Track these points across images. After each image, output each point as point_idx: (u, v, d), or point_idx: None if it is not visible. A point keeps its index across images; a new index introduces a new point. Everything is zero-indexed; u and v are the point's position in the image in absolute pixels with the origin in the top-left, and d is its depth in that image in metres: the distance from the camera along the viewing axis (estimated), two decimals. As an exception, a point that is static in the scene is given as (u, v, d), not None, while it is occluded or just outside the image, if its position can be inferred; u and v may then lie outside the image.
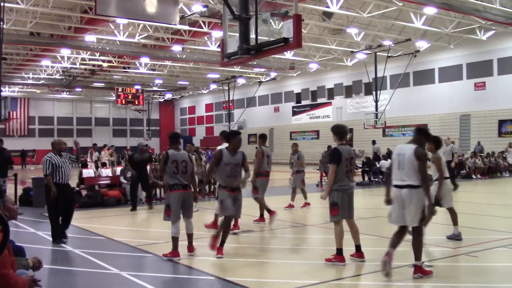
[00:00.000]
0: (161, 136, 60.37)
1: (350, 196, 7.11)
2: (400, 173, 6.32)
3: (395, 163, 6.45)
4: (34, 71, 40.46)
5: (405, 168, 6.26)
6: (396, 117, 34.77)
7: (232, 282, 6.21)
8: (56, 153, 8.93)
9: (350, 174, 7.10)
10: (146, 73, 40.96)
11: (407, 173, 6.24)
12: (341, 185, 6.99)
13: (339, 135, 7.18)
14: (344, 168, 7.00)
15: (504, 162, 24.80)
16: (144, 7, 9.94)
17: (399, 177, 6.34)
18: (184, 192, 7.57)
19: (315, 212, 13.57)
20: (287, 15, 9.80)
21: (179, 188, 7.53)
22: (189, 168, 7.66)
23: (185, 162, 7.61)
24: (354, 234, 7.16)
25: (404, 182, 6.27)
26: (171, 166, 7.53)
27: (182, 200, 7.57)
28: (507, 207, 13.43)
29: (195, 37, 28.25)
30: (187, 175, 7.63)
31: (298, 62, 38.10)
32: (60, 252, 8.42)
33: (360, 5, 24.17)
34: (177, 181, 7.53)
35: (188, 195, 7.65)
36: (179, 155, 7.66)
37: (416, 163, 6.19)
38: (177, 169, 7.53)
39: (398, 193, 6.35)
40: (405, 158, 6.29)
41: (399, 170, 6.35)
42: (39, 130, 53.13)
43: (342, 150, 7.03)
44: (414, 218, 6.27)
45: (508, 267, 7.08)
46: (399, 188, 6.33)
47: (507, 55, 29.56)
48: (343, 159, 6.97)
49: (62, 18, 25.20)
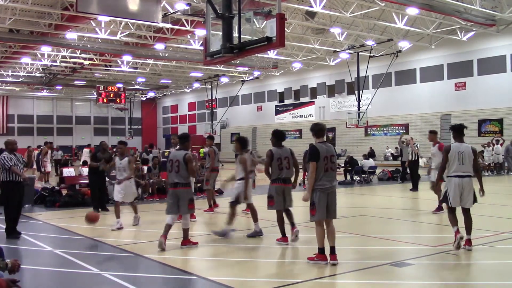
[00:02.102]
0: (143, 134, 60.00)
1: (330, 196, 6.94)
2: (462, 166, 7.78)
3: (456, 158, 7.79)
4: (13, 68, 39.87)
5: (465, 162, 7.77)
6: (378, 117, 35.08)
7: (215, 282, 6.18)
8: (10, 152, 9.30)
9: (329, 172, 6.93)
10: (128, 71, 40.65)
11: (468, 166, 7.79)
12: (319, 184, 6.91)
13: (316, 133, 7.14)
14: (322, 167, 6.88)
15: (483, 161, 25.13)
16: (126, 5, 9.86)
17: (461, 170, 7.77)
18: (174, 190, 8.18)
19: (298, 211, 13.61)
20: (270, 14, 9.83)
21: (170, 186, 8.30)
22: (181, 167, 8.13)
23: (178, 161, 8.16)
24: (328, 234, 6.96)
25: (466, 173, 7.79)
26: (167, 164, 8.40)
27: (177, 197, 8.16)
28: (486, 205, 13.64)
29: (178, 36, 28.12)
30: (178, 174, 8.14)
31: (281, 61, 38.19)
32: (39, 252, 8.30)
33: (343, 5, 24.31)
34: (170, 180, 8.23)
35: (181, 192, 8.14)
36: (174, 154, 8.43)
37: (473, 158, 7.84)
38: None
39: (460, 182, 7.75)
40: (465, 154, 7.80)
41: (460, 164, 7.78)
42: (18, 128, 52.39)
43: (320, 148, 6.95)
44: (471, 201, 7.87)
45: (487, 264, 7.18)
46: (461, 177, 7.76)
47: (487, 55, 30.02)
48: (321, 157, 6.88)
49: (42, 15, 24.87)
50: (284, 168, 8.23)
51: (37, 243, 8.86)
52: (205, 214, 12.07)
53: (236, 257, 7.75)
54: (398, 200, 15.75)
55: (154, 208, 13.61)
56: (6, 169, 9.11)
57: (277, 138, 8.43)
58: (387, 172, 21.96)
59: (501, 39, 28.90)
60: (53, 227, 10.62)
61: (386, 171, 22.28)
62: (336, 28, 27.48)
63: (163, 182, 15.82)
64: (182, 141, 8.41)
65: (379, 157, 33.54)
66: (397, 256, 7.47)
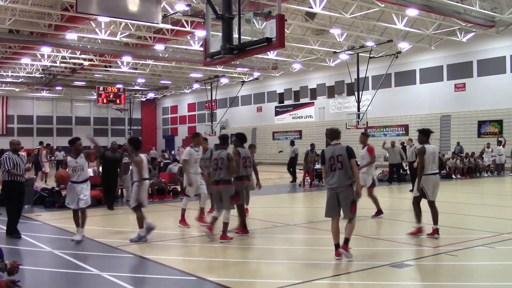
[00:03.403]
0: (143, 135, 60.00)
1: (340, 195, 7.20)
2: (434, 165, 8.68)
3: (430, 158, 8.57)
4: (13, 69, 39.85)
5: (436, 161, 8.73)
6: (378, 118, 35.07)
7: (214, 282, 6.18)
8: (13, 152, 9.31)
9: (336, 172, 7.18)
10: (128, 72, 40.64)
11: (437, 164, 8.79)
12: (328, 184, 7.34)
13: (328, 137, 7.63)
14: (329, 167, 7.25)
15: (483, 162, 25.17)
16: (126, 5, 9.83)
17: (434, 168, 8.67)
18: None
19: (298, 212, 13.61)
20: (270, 15, 9.80)
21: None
22: (225, 165, 8.68)
23: (222, 159, 8.72)
24: (345, 227, 7.25)
25: (437, 171, 8.78)
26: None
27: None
28: (486, 206, 13.64)
29: (177, 36, 28.11)
30: (222, 171, 8.68)
31: (281, 62, 38.20)
32: (39, 253, 8.30)
33: (342, 6, 24.32)
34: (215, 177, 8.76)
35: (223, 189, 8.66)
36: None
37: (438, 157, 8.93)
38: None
39: (436, 179, 8.68)
40: (435, 154, 8.71)
41: (433, 163, 8.62)
42: (18, 129, 52.33)
43: (326, 151, 7.38)
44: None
45: (486, 265, 7.18)
46: (436, 175, 8.70)
47: (487, 56, 30.02)
48: (326, 158, 7.27)
49: (42, 16, 24.86)
50: (247, 167, 9.18)
51: (37, 244, 8.86)
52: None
53: (235, 258, 7.75)
54: (397, 201, 15.76)
55: (154, 209, 13.60)
56: (6, 170, 9.16)
57: (240, 140, 9.48)
58: (387, 173, 21.97)
59: (501, 40, 28.91)
60: (52, 228, 10.62)
61: (386, 172, 22.28)
62: (336, 29, 27.48)
63: (162, 183, 15.83)
64: (223, 141, 9.10)
65: (379, 158, 33.38)
66: (397, 257, 7.47)
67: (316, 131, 39.90)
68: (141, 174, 8.75)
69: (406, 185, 19.08)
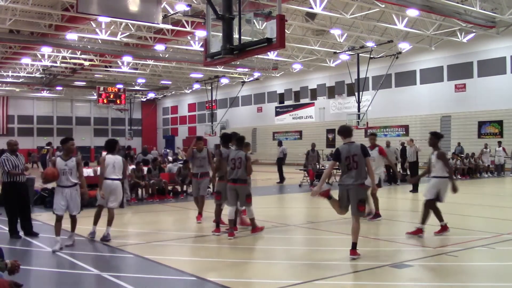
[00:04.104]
0: (143, 135, 60.00)
1: (350, 192, 7.28)
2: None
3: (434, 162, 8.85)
4: (13, 69, 39.85)
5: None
6: (378, 118, 35.05)
7: (214, 282, 6.18)
8: (11, 153, 9.33)
9: (352, 171, 7.30)
10: (128, 72, 40.64)
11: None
12: (341, 181, 7.49)
13: (342, 134, 7.72)
14: (345, 166, 7.35)
15: (483, 163, 25.17)
16: (126, 6, 9.83)
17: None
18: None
19: (298, 212, 13.61)
20: (270, 16, 9.82)
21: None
22: (243, 165, 9.00)
23: (240, 159, 9.03)
24: (352, 230, 7.28)
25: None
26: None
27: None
28: (486, 207, 13.63)
29: (178, 37, 28.12)
30: (240, 170, 9.02)
31: (281, 63, 38.20)
32: (39, 253, 8.30)
33: (343, 6, 24.32)
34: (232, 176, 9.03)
35: (240, 188, 9.01)
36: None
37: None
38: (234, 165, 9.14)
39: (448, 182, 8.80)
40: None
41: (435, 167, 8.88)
42: (18, 129, 52.34)
43: (341, 149, 7.49)
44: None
45: (487, 266, 7.18)
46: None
47: (487, 57, 30.01)
48: (343, 158, 7.37)
49: (42, 16, 24.87)
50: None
51: (37, 244, 8.85)
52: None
53: (236, 258, 7.75)
54: (397, 202, 15.76)
55: (154, 209, 13.61)
56: (6, 171, 9.18)
57: (224, 140, 9.90)
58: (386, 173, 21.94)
59: (501, 41, 28.91)
60: (52, 228, 10.58)
61: (386, 172, 22.25)
62: (336, 30, 27.48)
63: (163, 183, 15.83)
64: (239, 142, 9.29)
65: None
66: (397, 258, 7.47)
67: (316, 131, 39.91)
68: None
69: (405, 186, 19.07)
